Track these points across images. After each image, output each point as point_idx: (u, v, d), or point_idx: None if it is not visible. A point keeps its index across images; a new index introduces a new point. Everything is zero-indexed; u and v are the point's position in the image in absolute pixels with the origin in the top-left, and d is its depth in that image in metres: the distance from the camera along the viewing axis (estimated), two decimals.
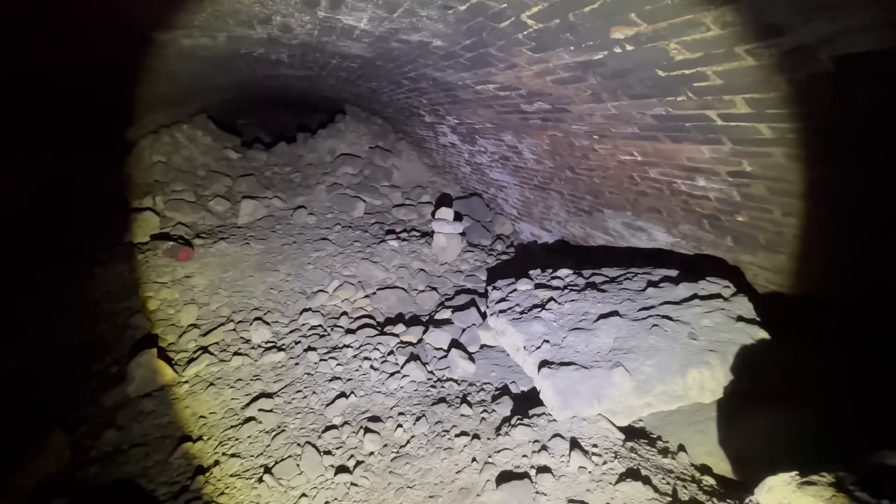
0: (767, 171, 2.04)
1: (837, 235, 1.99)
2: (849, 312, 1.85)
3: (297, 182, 6.25)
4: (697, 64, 1.68)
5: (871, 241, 1.86)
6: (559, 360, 1.83)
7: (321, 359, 2.77)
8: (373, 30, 2.51)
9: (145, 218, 4.72)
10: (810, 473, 0.86)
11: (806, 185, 1.95)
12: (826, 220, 2.01)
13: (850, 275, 2.01)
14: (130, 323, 3.33)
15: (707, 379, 1.65)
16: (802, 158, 1.84)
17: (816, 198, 1.97)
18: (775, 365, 1.70)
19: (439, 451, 1.91)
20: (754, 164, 2.07)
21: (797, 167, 1.90)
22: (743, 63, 1.53)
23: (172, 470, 2.03)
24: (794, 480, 0.86)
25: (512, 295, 2.61)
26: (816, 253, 2.16)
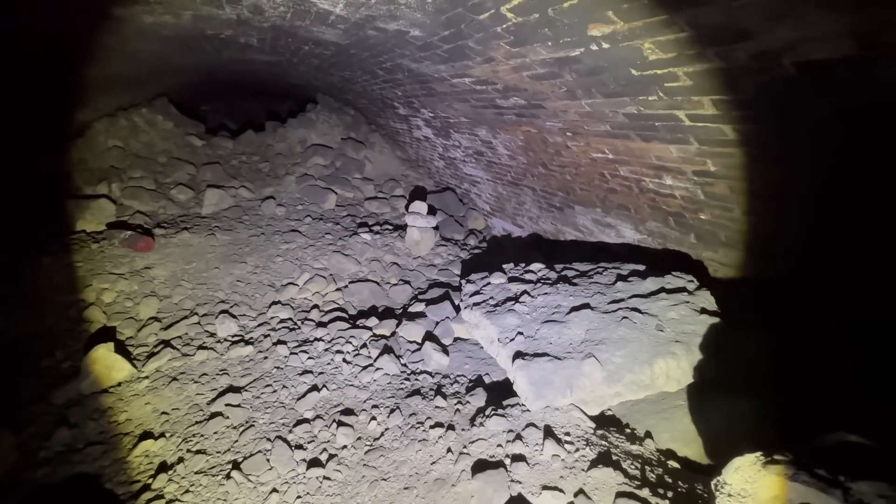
0: (730, 170, 2.13)
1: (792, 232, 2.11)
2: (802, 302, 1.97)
3: (266, 172, 6.05)
4: (670, 64, 1.73)
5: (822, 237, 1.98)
6: (533, 351, 1.87)
7: (291, 352, 2.70)
8: (348, 16, 2.45)
9: (99, 206, 4.45)
10: (773, 454, 0.92)
11: (765, 185, 2.06)
12: (782, 219, 2.12)
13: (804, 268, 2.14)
14: (83, 316, 3.13)
15: (673, 368, 1.72)
16: (763, 159, 1.94)
17: (774, 197, 2.08)
18: (736, 354, 1.79)
19: (414, 443, 1.90)
20: (718, 163, 2.16)
21: (757, 168, 2.00)
22: (712, 65, 1.59)
23: (132, 469, 1.93)
24: (759, 460, 0.92)
25: (486, 288, 2.63)
26: (773, 249, 2.28)
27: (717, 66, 1.59)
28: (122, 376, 2.49)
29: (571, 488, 1.46)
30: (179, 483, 1.84)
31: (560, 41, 1.97)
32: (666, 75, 1.82)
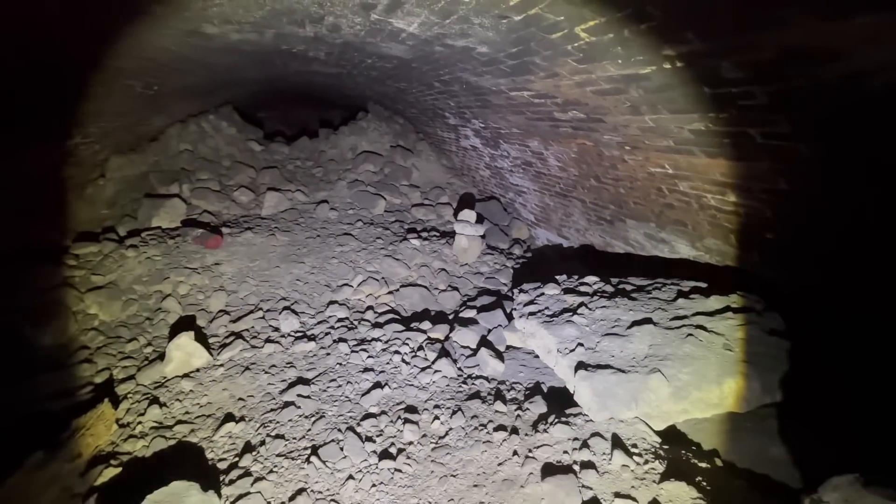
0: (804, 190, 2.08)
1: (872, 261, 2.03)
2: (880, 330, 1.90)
3: (319, 177, 6.33)
4: (747, 82, 1.73)
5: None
6: (595, 363, 1.89)
7: (352, 350, 2.84)
8: (420, 33, 2.58)
9: (173, 204, 4.82)
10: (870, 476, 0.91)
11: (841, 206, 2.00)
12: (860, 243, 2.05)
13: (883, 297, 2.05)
14: (162, 306, 3.41)
15: (743, 389, 1.70)
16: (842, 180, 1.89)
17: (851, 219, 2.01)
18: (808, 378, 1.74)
19: (478, 444, 1.97)
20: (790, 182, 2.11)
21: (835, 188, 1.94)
22: (794, 84, 1.58)
23: (218, 447, 2.11)
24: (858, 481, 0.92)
25: (540, 298, 2.66)
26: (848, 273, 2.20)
27: (798, 84, 1.58)
28: (200, 363, 2.71)
29: (644, 498, 1.48)
30: (263, 463, 2.00)
31: (631, 59, 2.00)
32: (741, 93, 1.82)
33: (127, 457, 2.06)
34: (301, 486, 1.88)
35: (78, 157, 4.45)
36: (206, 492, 1.67)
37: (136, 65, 3.24)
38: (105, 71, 3.10)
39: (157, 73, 3.73)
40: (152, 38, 2.72)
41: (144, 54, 3.05)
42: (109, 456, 2.06)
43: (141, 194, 5.06)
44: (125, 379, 2.66)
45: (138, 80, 3.66)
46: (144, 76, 3.63)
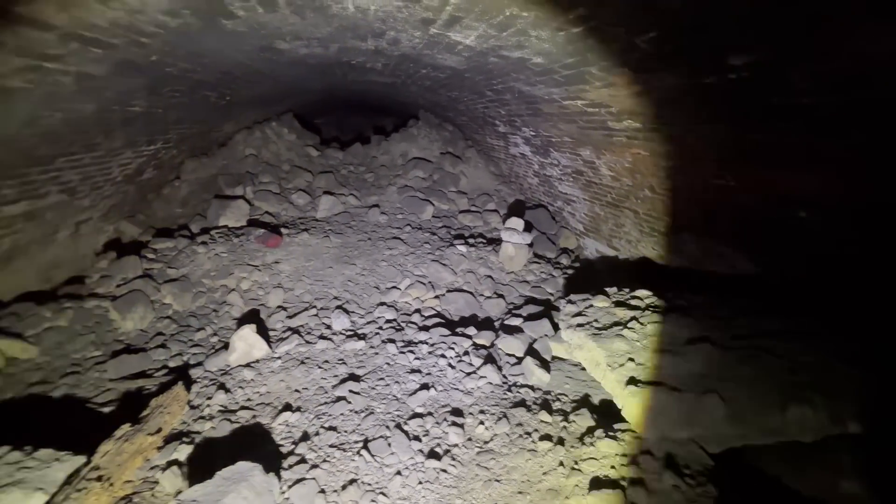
0: None
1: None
2: None
3: (371, 182, 6.56)
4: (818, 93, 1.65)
5: None
6: (646, 379, 1.85)
7: (399, 351, 2.94)
8: (476, 45, 2.65)
9: (238, 205, 5.18)
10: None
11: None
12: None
13: None
14: (227, 300, 3.69)
15: (809, 417, 1.59)
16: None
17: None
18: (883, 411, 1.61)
19: (523, 452, 1.99)
20: None
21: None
22: None
23: (277, 433, 2.26)
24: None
25: (588, 310, 2.63)
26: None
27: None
28: (260, 354, 2.91)
29: None
30: (317, 452, 2.12)
31: (695, 68, 1.96)
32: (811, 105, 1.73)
33: (197, 436, 2.25)
34: (352, 477, 1.98)
35: (159, 160, 4.91)
36: (268, 474, 1.80)
37: (216, 78, 3.54)
38: (191, 84, 3.42)
39: (231, 85, 4.05)
40: (232, 54, 2.97)
41: (223, 68, 3.33)
42: (182, 434, 2.26)
43: (210, 195, 5.49)
44: (194, 365, 2.91)
45: (215, 91, 3.99)
46: (220, 88, 3.96)
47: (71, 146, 3.25)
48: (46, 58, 1.98)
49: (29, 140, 2.77)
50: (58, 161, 3.28)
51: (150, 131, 4.13)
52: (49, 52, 1.94)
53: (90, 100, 2.76)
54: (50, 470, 1.75)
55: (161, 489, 1.94)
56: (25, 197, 3.29)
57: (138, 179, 4.73)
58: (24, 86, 2.17)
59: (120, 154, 4.01)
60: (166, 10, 1.91)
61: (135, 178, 4.64)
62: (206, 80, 3.53)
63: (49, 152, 3.10)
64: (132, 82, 2.80)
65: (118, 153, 3.96)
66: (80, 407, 2.40)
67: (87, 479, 1.72)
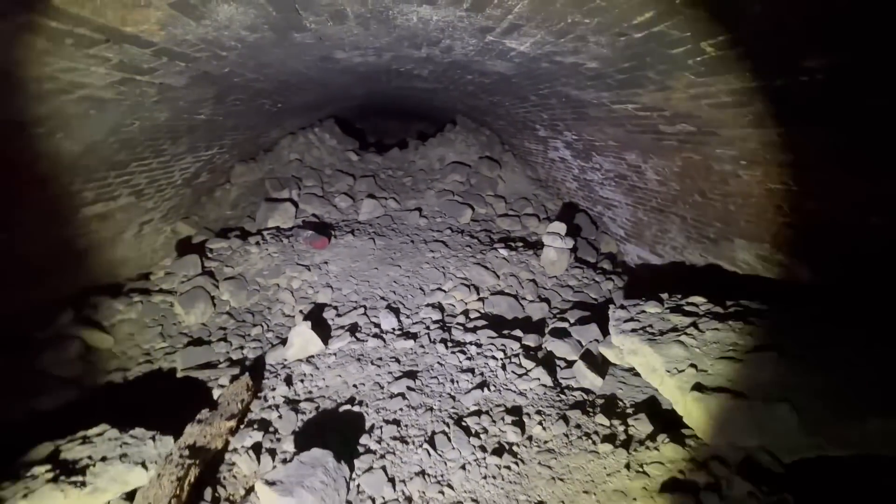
0: None
1: None
2: None
3: (409, 185, 6.68)
4: None
5: None
6: (710, 385, 1.82)
7: (449, 351, 3.00)
8: (530, 52, 2.69)
9: (285, 208, 5.40)
10: None
11: None
12: None
13: None
14: (278, 297, 3.85)
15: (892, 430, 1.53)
16: None
17: None
18: None
19: (584, 453, 2.00)
20: None
21: None
22: None
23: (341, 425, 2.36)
24: None
25: (641, 315, 2.60)
26: None
27: None
28: (315, 350, 3.03)
29: None
30: (382, 444, 2.20)
31: (761, 71, 1.93)
32: None
33: (267, 423, 2.38)
34: (417, 469, 2.05)
35: (213, 164, 5.18)
36: (340, 462, 1.89)
37: (274, 87, 3.73)
38: (251, 93, 3.61)
39: (285, 93, 4.25)
40: (293, 64, 3.13)
41: (282, 77, 3.50)
42: (253, 421, 2.39)
43: (258, 198, 5.74)
44: (254, 358, 3.06)
45: (270, 98, 4.19)
46: (275, 95, 4.16)
47: (143, 151, 3.50)
48: (140, 71, 2.16)
49: (111, 147, 3.01)
50: (131, 165, 3.53)
51: (210, 137, 4.37)
52: (143, 66, 2.11)
53: (166, 109, 2.97)
54: (146, 447, 1.91)
55: (238, 470, 2.07)
56: (102, 199, 3.56)
57: (195, 182, 5.02)
58: (116, 97, 2.37)
59: (182, 159, 4.27)
60: (248, 26, 2.05)
61: (192, 182, 4.92)
62: (265, 89, 3.72)
63: (125, 158, 3.34)
64: (204, 92, 3.00)
65: (181, 158, 4.22)
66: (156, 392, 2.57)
67: (180, 456, 1.86)
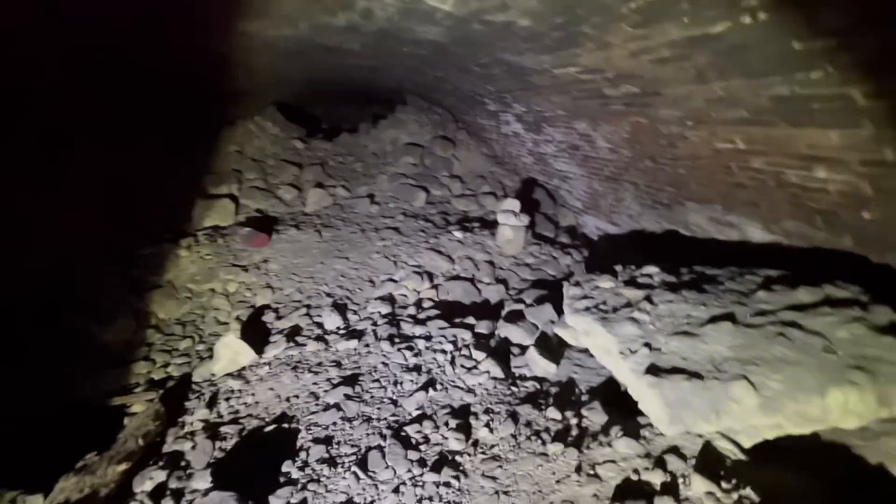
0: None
1: None
2: None
3: (361, 171, 6.34)
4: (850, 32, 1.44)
5: None
6: (665, 366, 1.67)
7: (396, 349, 2.77)
8: (456, 11, 2.43)
9: (223, 204, 4.98)
10: None
11: None
12: None
13: None
14: (212, 304, 3.51)
15: (854, 401, 1.42)
16: None
17: None
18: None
19: (533, 457, 1.82)
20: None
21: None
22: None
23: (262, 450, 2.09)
24: None
25: (594, 292, 2.45)
26: None
27: None
28: (247, 361, 2.75)
29: None
30: (305, 471, 1.95)
31: (700, 17, 1.74)
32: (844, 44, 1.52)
33: (177, 457, 2.08)
34: (343, 499, 1.80)
35: None
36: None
37: None
38: None
39: None
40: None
41: None
42: (161, 456, 2.10)
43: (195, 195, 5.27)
44: (179, 376, 2.75)
45: None
46: None
47: None
48: None
49: None
50: None
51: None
52: None
53: None
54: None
55: None
56: None
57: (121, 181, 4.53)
58: None
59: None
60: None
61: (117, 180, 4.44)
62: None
63: None
64: None
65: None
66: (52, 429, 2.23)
67: None
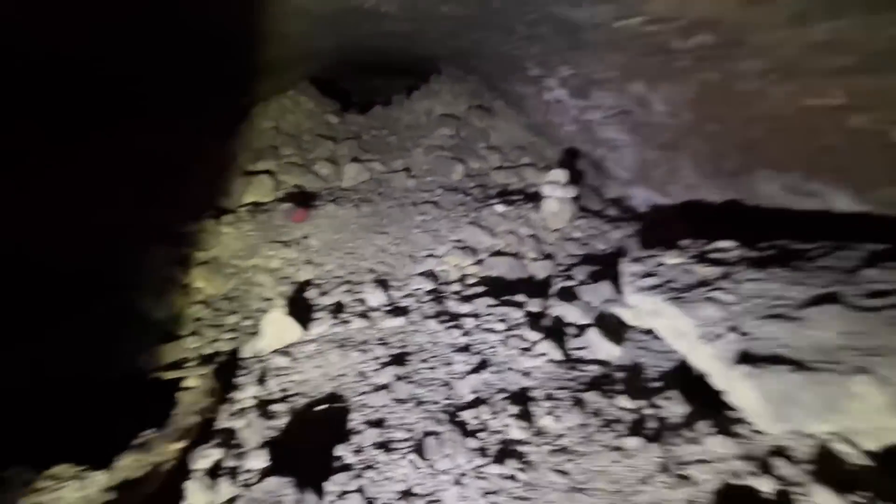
0: None
1: None
2: None
3: (395, 145, 6.19)
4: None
5: None
6: (761, 353, 1.48)
7: (443, 327, 2.66)
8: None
9: (261, 180, 4.98)
10: None
11: None
12: None
13: None
14: (256, 280, 3.52)
15: None
16: None
17: None
18: None
19: (607, 451, 1.66)
20: None
21: None
22: None
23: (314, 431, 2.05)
24: None
25: (659, 269, 2.24)
26: None
27: None
28: (292, 338, 2.72)
29: None
30: (360, 456, 1.87)
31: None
32: None
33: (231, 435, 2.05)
34: (402, 487, 1.70)
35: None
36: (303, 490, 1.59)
37: None
38: None
39: None
40: None
41: None
42: (215, 433, 2.10)
43: (234, 173, 5.29)
44: (228, 352, 2.76)
45: None
46: None
47: None
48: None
49: None
50: None
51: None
52: None
53: None
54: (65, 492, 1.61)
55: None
56: None
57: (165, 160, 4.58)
58: None
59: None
60: None
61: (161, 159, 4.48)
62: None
63: None
64: None
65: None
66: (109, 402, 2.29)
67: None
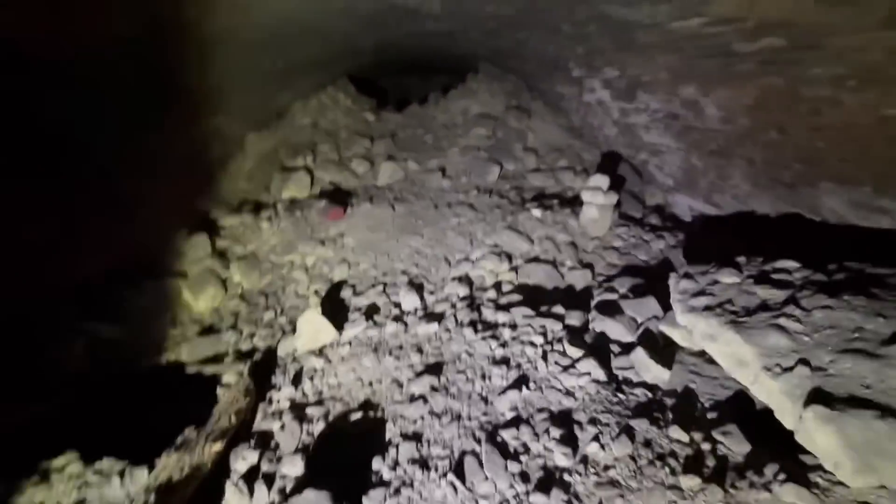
0: None
1: None
2: None
3: (431, 144, 6.15)
4: None
5: None
6: (838, 394, 1.35)
7: (479, 337, 2.58)
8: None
9: (299, 177, 5.05)
10: None
11: None
12: None
13: None
14: (292, 276, 3.56)
15: None
16: None
17: None
18: None
19: (662, 489, 1.54)
20: None
21: None
22: None
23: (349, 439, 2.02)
24: None
25: (714, 288, 2.10)
26: None
27: None
28: (327, 339, 2.73)
29: None
30: (397, 471, 1.82)
31: None
32: None
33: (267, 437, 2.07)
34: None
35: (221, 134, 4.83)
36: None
37: None
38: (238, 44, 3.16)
39: None
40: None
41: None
42: (251, 435, 2.11)
43: (273, 168, 5.39)
44: (264, 348, 2.80)
45: None
46: None
47: None
48: None
49: None
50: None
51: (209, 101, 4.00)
52: None
53: None
54: (110, 488, 1.65)
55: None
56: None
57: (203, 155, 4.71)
58: None
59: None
60: None
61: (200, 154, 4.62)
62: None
63: None
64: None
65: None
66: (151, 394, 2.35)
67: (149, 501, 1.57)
